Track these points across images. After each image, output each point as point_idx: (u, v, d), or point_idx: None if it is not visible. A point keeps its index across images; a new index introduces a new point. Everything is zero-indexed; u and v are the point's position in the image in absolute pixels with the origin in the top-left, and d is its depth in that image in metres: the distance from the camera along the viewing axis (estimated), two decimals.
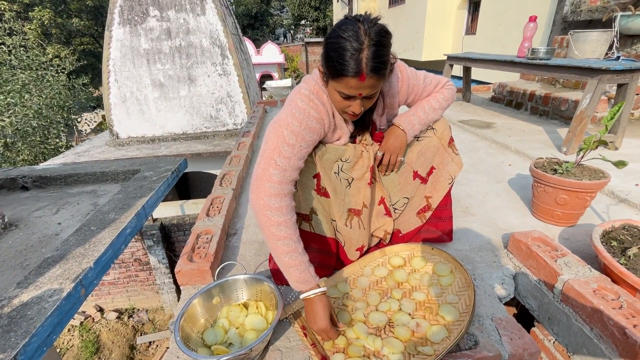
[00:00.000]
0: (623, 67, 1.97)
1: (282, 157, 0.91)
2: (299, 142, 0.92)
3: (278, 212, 0.89)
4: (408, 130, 1.08)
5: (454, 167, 1.20)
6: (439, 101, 1.11)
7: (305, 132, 0.93)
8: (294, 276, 0.92)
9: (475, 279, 1.18)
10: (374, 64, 0.79)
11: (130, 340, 5.78)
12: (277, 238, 0.90)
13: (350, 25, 0.80)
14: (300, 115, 0.93)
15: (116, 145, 5.91)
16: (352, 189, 1.11)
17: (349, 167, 1.08)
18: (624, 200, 1.62)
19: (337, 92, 0.87)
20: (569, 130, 2.20)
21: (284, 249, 0.90)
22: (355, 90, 0.84)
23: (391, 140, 1.08)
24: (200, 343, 0.94)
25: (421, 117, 1.09)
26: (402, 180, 1.19)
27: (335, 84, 0.86)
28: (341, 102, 0.89)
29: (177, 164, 1.89)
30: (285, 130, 0.92)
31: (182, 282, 1.19)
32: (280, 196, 0.90)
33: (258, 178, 0.91)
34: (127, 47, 5.55)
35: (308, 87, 0.97)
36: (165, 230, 5.43)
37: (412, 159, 1.16)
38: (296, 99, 0.95)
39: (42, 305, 0.87)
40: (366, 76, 0.80)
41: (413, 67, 1.12)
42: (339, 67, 0.80)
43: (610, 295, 0.93)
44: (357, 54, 0.78)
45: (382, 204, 1.21)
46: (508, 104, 3.66)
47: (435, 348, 0.90)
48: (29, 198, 1.74)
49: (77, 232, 1.21)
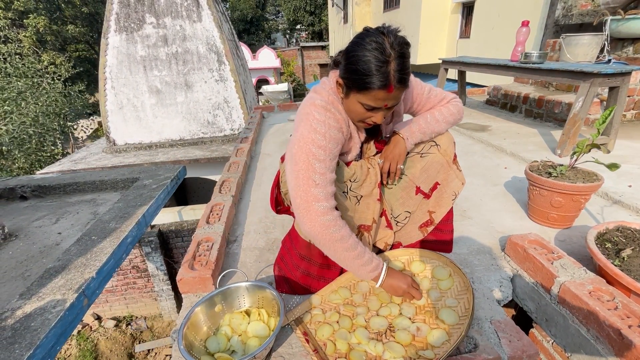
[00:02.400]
0: (614, 70, 2.01)
1: (318, 174, 0.90)
2: (328, 156, 0.92)
3: (336, 227, 0.91)
4: (407, 137, 1.08)
5: (457, 184, 1.20)
6: (443, 114, 1.11)
7: (331, 144, 0.92)
8: (368, 268, 0.98)
9: (473, 282, 1.20)
10: (400, 76, 0.82)
11: (128, 348, 5.72)
12: (345, 249, 0.93)
13: (374, 38, 0.81)
14: (323, 128, 0.92)
15: (113, 152, 5.89)
16: (362, 206, 1.12)
17: (358, 185, 1.09)
18: (618, 202, 1.64)
19: (361, 103, 0.88)
20: (562, 132, 2.24)
21: (353, 254, 0.95)
22: (382, 102, 0.85)
23: (390, 148, 1.09)
24: (204, 351, 0.94)
25: (422, 125, 1.09)
26: (404, 194, 1.20)
27: (361, 96, 0.86)
28: (363, 113, 0.91)
29: (176, 172, 1.90)
30: (312, 147, 0.90)
31: (183, 290, 1.20)
32: (331, 211, 0.91)
33: (304, 202, 0.90)
34: (124, 54, 5.56)
35: (322, 98, 0.96)
36: (163, 237, 5.41)
37: (415, 174, 1.16)
38: (313, 112, 0.93)
39: (46, 317, 0.87)
40: (394, 88, 0.82)
41: None
42: (366, 79, 0.82)
43: (605, 296, 0.95)
44: (385, 67, 0.80)
45: (384, 216, 1.22)
46: (503, 106, 3.71)
47: (435, 352, 0.91)
48: (28, 208, 1.74)
49: (79, 242, 1.22)
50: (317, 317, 1.07)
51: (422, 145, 1.15)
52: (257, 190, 2.11)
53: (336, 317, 1.06)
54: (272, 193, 1.24)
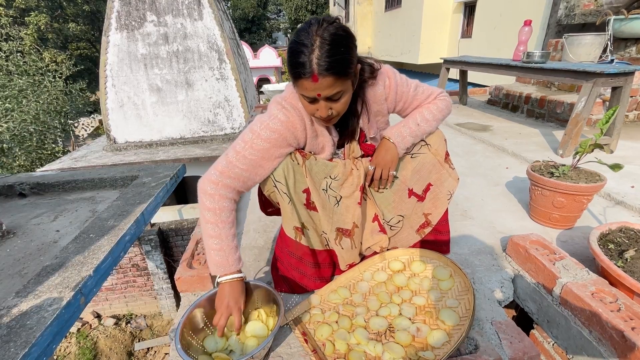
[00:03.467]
0: (617, 70, 1.99)
1: (234, 150, 0.95)
2: (253, 139, 0.95)
3: (211, 199, 0.93)
4: (398, 142, 1.05)
5: (451, 183, 1.18)
6: (432, 112, 1.07)
7: (263, 130, 0.95)
8: (214, 260, 0.95)
9: (474, 282, 1.19)
10: (326, 63, 0.79)
11: (128, 346, 5.72)
12: (206, 221, 0.95)
13: (305, 28, 0.81)
14: (267, 119, 0.96)
15: (113, 150, 5.89)
16: (341, 207, 1.10)
17: (338, 184, 1.07)
18: (620, 203, 1.63)
19: (302, 96, 0.88)
20: (565, 133, 2.22)
21: (210, 232, 0.95)
22: (313, 92, 0.83)
23: (381, 154, 1.06)
24: (201, 351, 0.93)
25: (412, 128, 1.06)
26: (396, 197, 1.17)
27: (297, 88, 0.87)
28: (308, 106, 0.90)
29: (175, 170, 1.89)
30: (247, 132, 0.96)
31: (181, 289, 1.19)
32: (218, 185, 0.94)
33: (213, 166, 0.97)
34: (125, 52, 5.55)
35: (282, 95, 0.99)
36: (163, 235, 5.40)
37: (407, 176, 1.14)
38: (271, 107, 0.99)
39: (42, 315, 0.87)
40: (318, 76, 0.80)
41: (410, 70, 1.12)
42: (293, 70, 0.82)
43: (608, 298, 0.94)
44: (308, 55, 0.79)
45: (376, 221, 1.20)
46: (504, 106, 3.69)
47: (435, 353, 0.90)
48: (26, 205, 1.73)
49: (76, 240, 1.21)
50: (316, 317, 1.06)
51: (413, 145, 1.13)
52: (256, 189, 2.10)
53: (335, 317, 1.05)
54: (259, 195, 1.24)
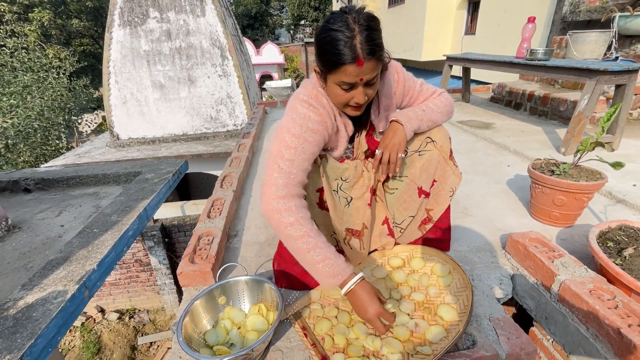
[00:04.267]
0: (621, 68, 1.98)
1: (285, 160, 0.92)
2: (300, 144, 0.93)
3: (288, 213, 0.88)
4: (405, 122, 1.03)
5: (454, 180, 1.18)
6: (437, 104, 1.10)
7: (306, 133, 0.94)
8: (324, 272, 0.87)
9: (473, 279, 1.20)
10: (369, 47, 0.82)
11: (131, 340, 5.79)
12: (294, 239, 0.88)
13: (338, 18, 0.83)
14: (301, 119, 0.94)
15: (117, 146, 5.92)
16: (351, 209, 1.11)
17: (349, 186, 1.08)
18: (622, 201, 1.63)
19: (338, 84, 0.88)
20: (567, 131, 2.22)
21: (304, 247, 0.87)
22: (356, 77, 0.85)
23: (389, 137, 1.05)
24: (203, 344, 0.95)
25: (418, 112, 1.07)
26: (407, 197, 1.18)
27: (334, 76, 0.87)
28: (343, 95, 0.90)
29: (178, 166, 1.91)
30: (286, 135, 0.93)
31: (183, 284, 1.21)
32: (287, 197, 0.90)
33: (264, 185, 0.92)
34: (128, 49, 5.57)
35: (306, 93, 0.98)
36: (165, 231, 5.45)
37: (415, 174, 1.14)
38: (295, 105, 0.96)
39: (47, 307, 0.88)
40: (364, 60, 0.82)
41: (413, 67, 1.13)
42: (335, 57, 0.82)
43: (606, 295, 0.94)
44: (351, 41, 0.81)
45: (386, 224, 1.21)
46: (507, 104, 3.67)
47: (433, 348, 0.91)
48: (31, 200, 1.75)
49: (80, 235, 1.23)
50: (316, 312, 1.07)
51: (419, 143, 1.13)
52: (258, 186, 2.11)
53: (335, 312, 1.06)
54: None
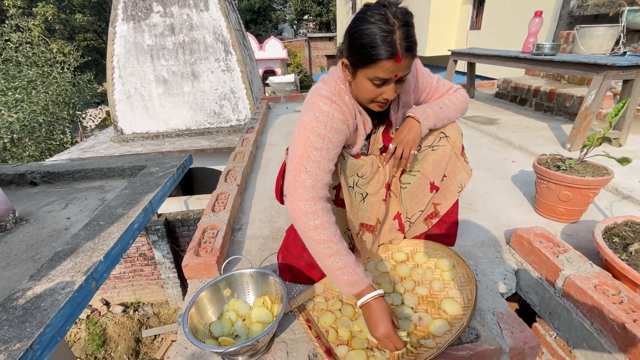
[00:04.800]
0: (629, 62, 1.95)
1: (311, 161, 0.90)
2: (326, 145, 0.91)
3: (314, 216, 0.88)
4: (422, 120, 1.02)
5: (464, 176, 1.18)
6: (453, 101, 1.09)
7: (331, 134, 0.92)
8: (342, 279, 0.87)
9: (477, 274, 1.20)
10: (407, 44, 0.81)
11: (135, 333, 5.87)
12: (318, 242, 0.87)
13: (376, 10, 0.81)
14: (325, 118, 0.91)
15: (120, 141, 5.95)
16: (366, 204, 1.11)
17: (365, 182, 1.08)
18: (628, 197, 1.62)
19: (370, 80, 0.86)
20: (573, 126, 2.20)
21: (326, 252, 0.87)
22: (391, 73, 0.83)
23: (404, 133, 1.04)
24: (208, 335, 0.96)
25: (435, 110, 1.05)
26: (419, 192, 1.17)
27: (369, 71, 0.85)
28: (373, 90, 0.88)
29: (182, 160, 1.91)
30: (311, 135, 0.90)
31: (189, 276, 1.22)
32: (315, 200, 0.89)
33: (290, 186, 0.91)
34: (131, 43, 5.57)
35: (329, 89, 0.95)
36: (169, 226, 5.49)
37: (428, 169, 1.14)
38: (318, 102, 0.93)
39: (55, 297, 0.90)
40: (402, 57, 0.81)
41: None
42: (373, 52, 0.80)
43: (611, 290, 0.94)
44: (391, 36, 0.79)
45: (397, 219, 1.20)
46: (512, 100, 3.64)
47: (437, 341, 0.92)
48: (37, 193, 1.77)
49: (87, 227, 1.24)
50: (320, 305, 1.08)
51: (432, 138, 1.13)
52: (263, 180, 2.12)
53: (339, 305, 1.07)
54: (278, 183, 1.24)
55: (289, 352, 0.94)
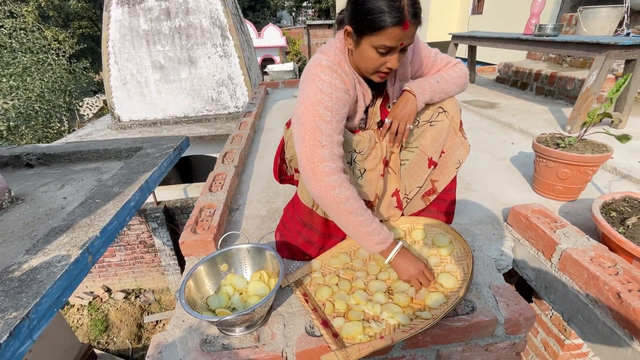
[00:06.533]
0: (632, 42, 1.92)
1: (325, 135, 0.88)
2: (335, 117, 0.90)
3: (342, 188, 0.88)
4: (418, 94, 1.01)
5: (462, 152, 1.16)
6: (451, 75, 1.07)
7: (337, 105, 0.90)
8: (374, 240, 0.94)
9: (474, 250, 1.20)
10: (414, 10, 0.79)
11: (137, 319, 5.94)
12: (350, 212, 0.90)
13: None
14: (329, 89, 0.90)
15: (118, 128, 5.91)
16: (365, 180, 1.10)
17: (362, 158, 1.07)
18: (627, 177, 1.61)
19: (375, 48, 0.84)
20: (574, 108, 2.17)
21: (359, 219, 0.91)
22: (397, 41, 0.82)
23: (400, 107, 1.03)
24: (205, 308, 0.97)
25: (432, 83, 1.04)
26: (417, 168, 1.17)
27: (374, 38, 0.82)
28: (377, 59, 0.86)
29: (179, 142, 1.90)
30: (319, 108, 0.88)
31: (186, 253, 1.22)
32: (337, 172, 0.89)
33: (309, 162, 0.89)
34: (126, 28, 5.47)
35: (329, 59, 0.93)
36: (169, 213, 5.49)
37: (426, 145, 1.13)
38: (319, 73, 0.91)
39: (51, 270, 0.90)
40: (409, 23, 0.79)
41: None
42: (380, 17, 0.79)
43: (607, 262, 0.94)
44: (399, 2, 0.77)
45: (396, 196, 1.20)
46: (513, 84, 3.60)
47: (433, 313, 0.92)
48: (34, 175, 1.76)
49: (83, 205, 1.23)
50: (317, 280, 1.09)
51: (430, 113, 1.11)
52: (260, 163, 2.11)
53: (336, 280, 1.07)
54: (276, 162, 1.23)
55: (286, 325, 0.94)
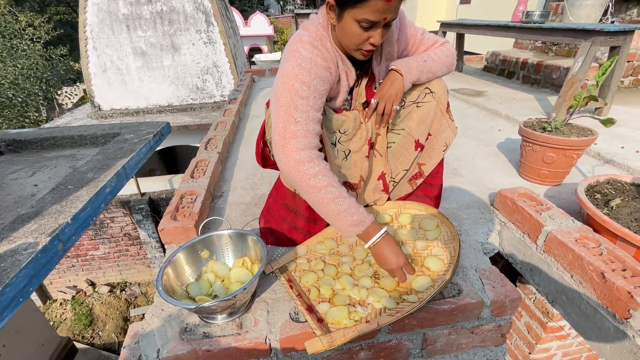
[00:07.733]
0: (617, 28, 1.93)
1: (300, 111, 0.85)
2: (312, 93, 0.86)
3: (311, 164, 0.84)
4: (405, 73, 0.97)
5: (449, 134, 1.14)
6: (439, 55, 1.04)
7: (316, 81, 0.86)
8: (347, 221, 0.86)
9: (461, 234, 1.19)
10: None
11: (123, 312, 5.85)
12: (318, 189, 0.85)
13: None
14: (308, 65, 0.86)
15: (98, 117, 5.69)
16: (349, 162, 1.07)
17: (347, 139, 1.04)
18: (610, 161, 1.63)
19: (358, 22, 0.80)
20: (559, 95, 2.19)
21: (329, 197, 0.85)
22: (381, 15, 0.78)
23: (386, 87, 1.00)
24: (185, 296, 0.93)
25: (419, 62, 1.00)
26: (404, 151, 1.14)
27: (357, 11, 0.79)
28: (360, 34, 0.83)
29: (159, 127, 1.82)
30: (295, 83, 0.85)
31: (165, 241, 1.17)
32: (308, 149, 0.85)
33: (281, 138, 0.85)
34: (105, 12, 5.23)
35: (310, 34, 0.90)
36: (154, 205, 5.37)
37: (413, 127, 1.10)
38: (299, 48, 0.88)
39: (16, 258, 0.84)
40: None
41: None
42: None
43: (591, 243, 0.95)
44: None
45: (382, 180, 1.17)
46: (500, 73, 3.62)
47: (419, 296, 0.91)
48: (2, 162, 1.66)
49: (54, 191, 1.17)
50: (302, 266, 1.06)
51: (417, 93, 1.08)
52: (246, 150, 2.05)
53: (321, 265, 1.05)
54: (258, 146, 1.18)
55: (270, 311, 0.91)
